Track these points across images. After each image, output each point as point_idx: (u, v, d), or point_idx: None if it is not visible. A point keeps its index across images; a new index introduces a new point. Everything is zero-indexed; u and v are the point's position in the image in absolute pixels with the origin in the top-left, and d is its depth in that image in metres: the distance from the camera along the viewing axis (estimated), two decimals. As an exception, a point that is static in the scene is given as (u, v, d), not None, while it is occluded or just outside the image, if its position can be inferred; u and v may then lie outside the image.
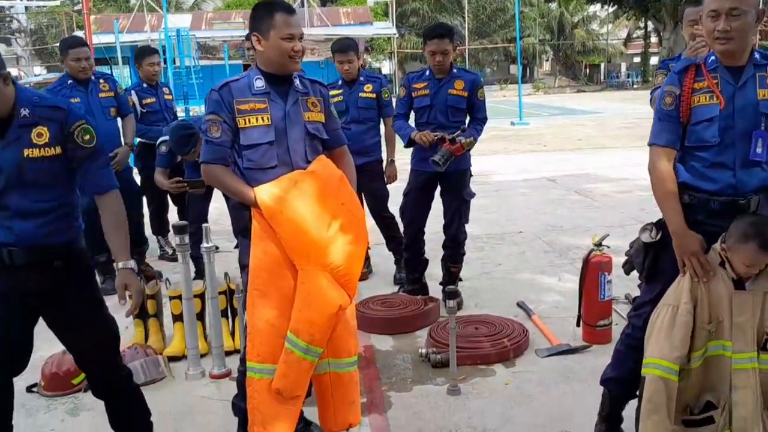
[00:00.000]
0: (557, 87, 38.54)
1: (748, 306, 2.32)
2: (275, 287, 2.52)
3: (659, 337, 2.35)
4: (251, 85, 2.62)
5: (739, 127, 2.33)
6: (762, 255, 2.25)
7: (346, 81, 4.91)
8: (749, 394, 2.31)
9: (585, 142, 13.10)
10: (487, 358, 3.59)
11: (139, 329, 3.93)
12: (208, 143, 2.60)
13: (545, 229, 6.40)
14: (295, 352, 2.48)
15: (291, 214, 2.50)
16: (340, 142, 2.86)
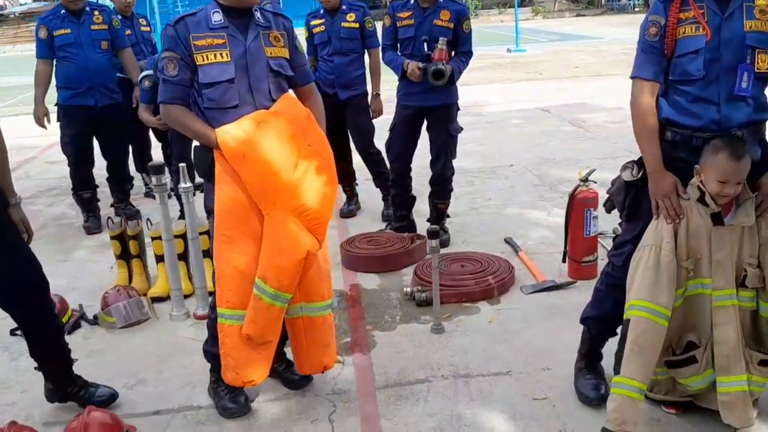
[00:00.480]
0: (556, 11, 37.50)
1: (727, 241, 2.28)
2: (242, 232, 2.47)
3: (644, 279, 2.31)
4: (208, 19, 2.50)
5: (725, 60, 2.24)
6: (733, 164, 2.19)
7: (328, 10, 4.73)
8: (730, 331, 2.30)
9: (582, 69, 12.81)
10: (472, 296, 3.59)
11: (123, 270, 3.92)
12: (166, 82, 2.50)
13: (537, 162, 6.32)
14: (263, 298, 2.46)
15: (255, 157, 2.41)
16: (307, 79, 2.74)
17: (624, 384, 2.34)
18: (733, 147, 2.21)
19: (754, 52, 2.24)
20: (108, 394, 2.80)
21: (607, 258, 2.66)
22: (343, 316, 3.54)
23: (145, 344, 3.34)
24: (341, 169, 5.08)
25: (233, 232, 2.47)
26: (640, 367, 2.33)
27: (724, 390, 2.32)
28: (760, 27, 2.24)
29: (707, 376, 2.37)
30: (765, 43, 2.25)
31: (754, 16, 2.25)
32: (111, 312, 3.50)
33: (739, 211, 2.29)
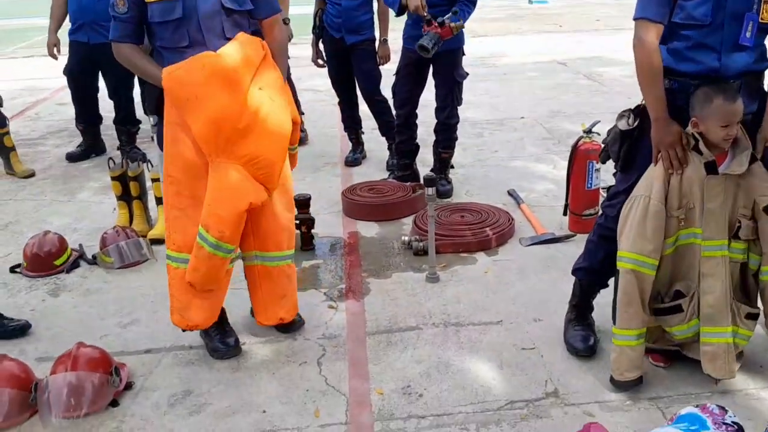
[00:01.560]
0: (583, -37, 36.39)
1: (720, 191, 2.23)
2: (188, 175, 2.43)
3: (631, 230, 2.30)
4: None
5: (731, 8, 2.15)
6: (731, 106, 2.14)
7: None
8: (717, 282, 2.27)
9: (603, 22, 12.48)
10: (469, 246, 3.57)
11: (123, 212, 3.93)
12: (116, 19, 2.44)
13: (548, 115, 6.20)
14: (204, 247, 2.41)
15: (199, 103, 2.33)
16: (270, 11, 2.59)
17: (621, 335, 2.37)
18: (724, 90, 2.15)
19: (760, 2, 2.16)
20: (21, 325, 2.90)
21: (601, 209, 2.62)
22: (339, 262, 3.54)
23: (141, 285, 3.37)
24: (348, 116, 5.06)
25: (180, 175, 2.44)
26: (632, 315, 2.34)
27: (707, 340, 2.30)
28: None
29: (692, 326, 2.35)
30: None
31: None
32: (109, 252, 3.53)
33: (734, 161, 2.22)
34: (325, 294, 3.22)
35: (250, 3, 2.51)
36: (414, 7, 3.83)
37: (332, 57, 4.85)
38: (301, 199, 3.68)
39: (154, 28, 2.44)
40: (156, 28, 2.44)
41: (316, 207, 3.94)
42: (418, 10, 3.82)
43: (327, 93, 6.59)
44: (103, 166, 5.03)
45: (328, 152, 5.37)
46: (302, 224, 3.65)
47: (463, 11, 3.95)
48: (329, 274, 3.42)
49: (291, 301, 2.75)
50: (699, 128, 2.21)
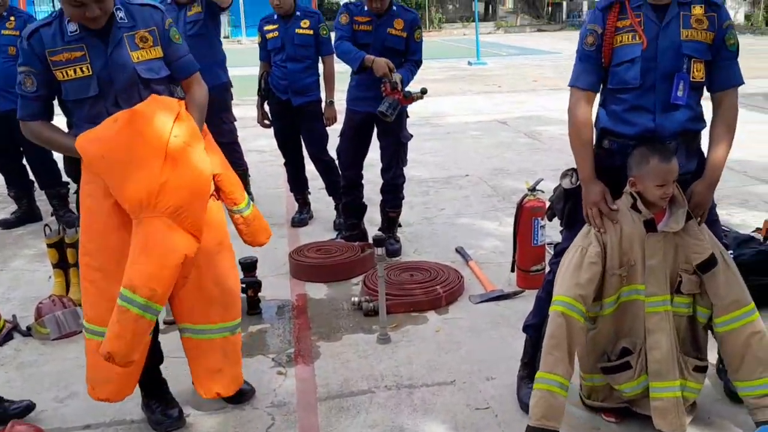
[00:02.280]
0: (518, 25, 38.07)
1: (660, 248, 2.29)
2: (97, 245, 2.34)
3: (565, 276, 2.33)
4: (64, 30, 2.30)
5: (661, 69, 2.26)
6: (666, 166, 2.22)
7: (282, 16, 4.67)
8: (663, 337, 2.30)
9: (540, 83, 13.00)
10: (420, 306, 3.55)
11: (59, 280, 3.78)
12: (24, 98, 2.35)
13: (491, 173, 6.34)
14: (131, 309, 2.23)
15: (114, 158, 2.26)
16: (187, 71, 2.52)
17: (544, 378, 2.32)
18: (660, 151, 2.24)
19: (689, 61, 2.27)
20: (23, 406, 2.67)
21: (548, 265, 2.65)
22: (288, 326, 3.46)
23: (78, 356, 3.18)
24: (294, 176, 5.05)
25: (90, 245, 2.36)
26: (558, 359, 2.29)
27: (656, 395, 2.32)
28: (696, 36, 2.27)
29: (641, 382, 2.36)
30: (700, 53, 2.27)
31: (690, 25, 2.27)
32: (45, 323, 3.36)
33: (671, 218, 2.30)
34: (274, 359, 3.13)
35: (166, 69, 2.45)
36: (382, 72, 3.90)
37: (278, 118, 4.87)
38: (246, 262, 3.62)
39: (68, 105, 2.37)
40: (71, 105, 2.37)
41: (263, 269, 3.87)
42: (387, 74, 3.89)
43: (271, 153, 6.60)
44: (38, 233, 4.87)
45: (274, 213, 5.32)
46: (248, 288, 3.57)
47: (405, 72, 4.05)
48: (277, 339, 3.34)
49: (229, 376, 2.60)
50: (637, 188, 2.28)
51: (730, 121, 2.35)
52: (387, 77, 3.90)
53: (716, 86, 2.34)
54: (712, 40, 2.28)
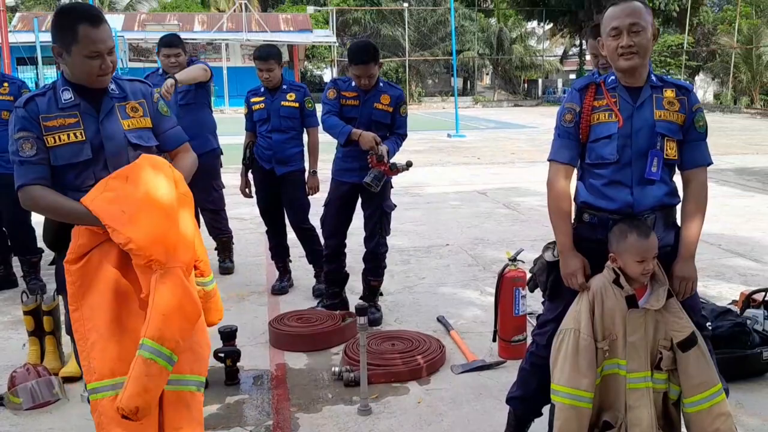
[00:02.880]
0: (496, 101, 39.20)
1: (641, 324, 2.32)
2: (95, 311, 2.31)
3: (565, 365, 2.34)
4: (58, 99, 2.39)
5: (636, 146, 2.35)
6: (645, 242, 2.27)
7: (268, 89, 4.79)
8: (644, 413, 2.30)
9: (517, 156, 13.30)
10: (401, 376, 3.52)
11: (34, 348, 3.69)
12: (24, 164, 2.33)
13: (472, 242, 6.40)
14: (158, 361, 2.23)
15: (135, 210, 2.27)
16: (176, 142, 2.60)
17: None
18: (638, 227, 2.30)
19: (663, 140, 2.36)
20: None
21: (531, 337, 2.66)
22: (266, 397, 3.40)
23: (53, 427, 3.11)
24: (275, 244, 5.06)
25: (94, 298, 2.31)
26: None
27: None
28: (668, 117, 2.38)
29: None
30: (672, 132, 2.38)
31: (663, 107, 2.38)
32: (18, 392, 3.27)
33: (652, 296, 2.34)
34: (252, 431, 3.06)
35: (155, 139, 2.53)
36: (369, 145, 4.01)
37: (262, 187, 4.93)
38: (226, 331, 3.58)
39: (55, 172, 2.38)
40: (58, 171, 2.38)
41: (242, 338, 3.82)
42: (373, 148, 4.00)
43: (252, 221, 6.63)
44: (13, 299, 4.80)
45: (254, 281, 5.30)
46: (227, 357, 3.52)
47: (397, 143, 4.17)
48: (255, 410, 3.27)
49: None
50: (617, 263, 2.33)
51: (700, 198, 2.43)
52: (373, 150, 4.00)
53: (687, 165, 2.44)
54: (683, 122, 2.39)
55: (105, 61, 2.35)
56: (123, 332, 2.31)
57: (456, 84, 20.95)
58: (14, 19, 29.39)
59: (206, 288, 2.59)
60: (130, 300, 2.34)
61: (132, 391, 2.21)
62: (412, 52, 37.10)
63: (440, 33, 39.68)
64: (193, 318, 2.32)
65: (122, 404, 2.20)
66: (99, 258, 2.32)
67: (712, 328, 3.27)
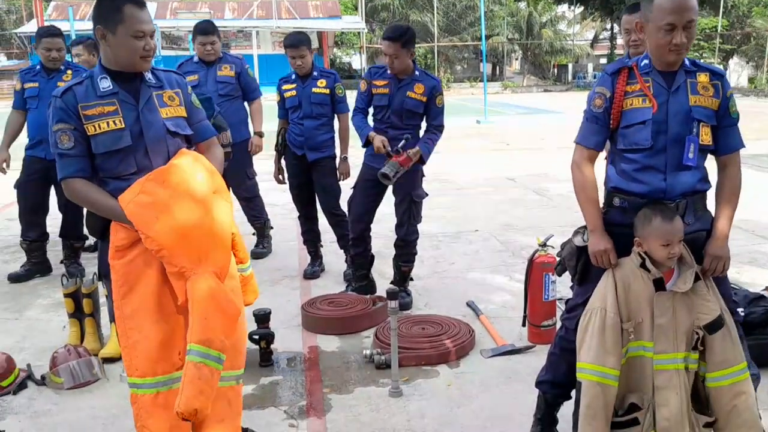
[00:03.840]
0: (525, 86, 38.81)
1: (669, 306, 2.32)
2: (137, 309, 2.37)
3: (592, 342, 2.35)
4: (96, 87, 2.43)
5: (672, 132, 2.33)
6: (669, 226, 2.27)
7: (300, 76, 4.84)
8: (672, 395, 2.31)
9: (547, 141, 13.19)
10: (431, 359, 3.56)
11: (75, 329, 3.81)
12: (63, 156, 2.40)
13: (501, 228, 6.40)
14: (208, 364, 2.29)
15: (169, 218, 2.32)
16: (206, 134, 2.67)
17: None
18: (662, 211, 2.30)
19: (698, 125, 2.34)
20: None
21: (560, 321, 2.68)
22: (299, 378, 3.47)
23: (93, 406, 3.22)
24: (307, 229, 5.13)
25: (128, 310, 2.37)
26: (596, 428, 2.34)
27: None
28: (704, 102, 2.36)
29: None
30: (707, 117, 2.36)
31: (697, 92, 2.36)
32: (59, 372, 3.39)
33: (679, 278, 2.34)
34: (286, 412, 3.13)
35: (189, 128, 2.58)
36: (376, 148, 4.08)
37: (294, 173, 5.00)
38: (260, 314, 3.66)
39: (98, 159, 2.43)
40: (100, 159, 2.43)
41: (275, 321, 3.90)
42: (380, 150, 4.07)
43: (284, 207, 6.70)
44: (52, 283, 4.95)
45: (286, 266, 5.38)
46: (261, 339, 3.60)
47: (425, 143, 4.20)
48: (289, 391, 3.34)
49: (230, 428, 2.55)
50: (642, 248, 2.33)
51: (735, 182, 2.43)
52: (381, 152, 4.07)
53: (722, 150, 2.43)
54: (718, 107, 2.37)
55: (149, 42, 2.41)
56: (165, 334, 2.37)
57: (485, 70, 20.76)
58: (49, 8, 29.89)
59: (244, 273, 2.66)
60: (171, 303, 2.40)
61: (189, 394, 2.26)
62: (441, 37, 36.90)
63: (469, 18, 39.40)
64: (233, 316, 2.37)
65: (181, 408, 2.25)
66: (143, 259, 2.37)
67: (745, 314, 3.25)
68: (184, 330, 2.41)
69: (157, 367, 2.38)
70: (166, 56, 19.98)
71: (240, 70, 5.31)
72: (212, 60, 5.22)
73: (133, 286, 2.38)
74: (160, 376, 2.41)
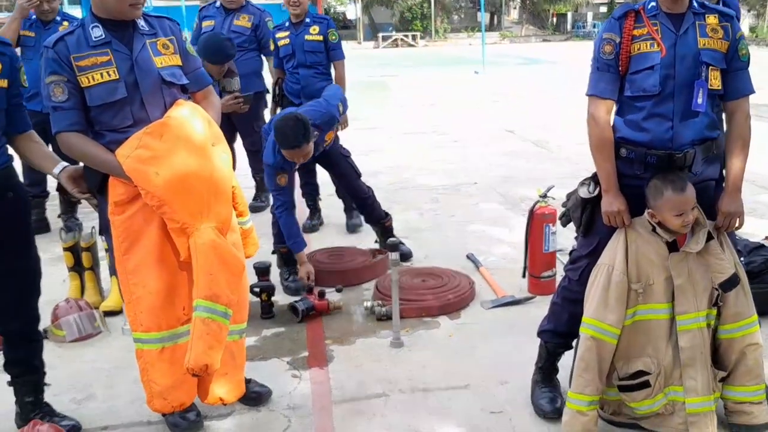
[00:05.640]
0: (523, 36, 38.25)
1: (684, 267, 2.31)
2: (140, 264, 2.35)
3: (595, 297, 2.36)
4: (88, 37, 2.33)
5: (680, 77, 2.27)
6: (681, 196, 2.24)
7: (293, 23, 4.76)
8: (697, 354, 2.32)
9: (546, 92, 13.05)
10: (432, 311, 3.57)
11: (75, 283, 3.81)
12: (56, 109, 2.32)
13: (500, 180, 6.37)
14: (216, 319, 2.29)
15: (169, 174, 2.27)
16: (203, 83, 2.59)
17: (574, 398, 2.39)
18: (672, 182, 2.25)
19: (707, 69, 2.28)
20: (70, 425, 2.64)
21: (564, 272, 2.68)
22: (301, 330, 3.49)
23: (96, 359, 3.24)
24: (306, 182, 5.09)
25: (130, 265, 2.35)
26: (588, 381, 2.37)
27: (693, 411, 2.34)
28: (713, 45, 2.29)
29: (658, 400, 2.38)
30: (716, 61, 2.30)
31: (706, 34, 2.29)
32: (61, 325, 3.40)
33: (692, 239, 2.32)
34: (288, 363, 3.16)
35: (185, 78, 2.49)
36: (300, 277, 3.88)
37: None
38: (260, 267, 3.66)
39: (92, 112, 2.36)
40: (95, 112, 2.35)
41: (276, 274, 3.90)
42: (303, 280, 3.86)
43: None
44: (50, 237, 4.92)
45: (285, 219, 5.35)
46: (262, 292, 3.61)
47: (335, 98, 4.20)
48: (291, 343, 3.36)
49: (233, 381, 2.57)
50: (656, 218, 2.30)
51: (744, 129, 2.38)
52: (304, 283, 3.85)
53: (730, 95, 2.36)
54: (727, 50, 2.31)
55: None
56: (168, 289, 2.36)
57: (483, 19, 20.42)
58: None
59: (244, 227, 2.64)
60: (173, 258, 2.38)
61: (198, 350, 2.26)
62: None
63: (466, -34, 38.54)
64: (237, 270, 2.36)
65: (191, 365, 2.25)
66: (143, 214, 2.34)
67: (745, 263, 3.25)
68: (187, 285, 2.40)
69: (161, 322, 2.37)
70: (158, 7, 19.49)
71: (258, 21, 5.20)
72: (233, 7, 5.12)
73: (135, 242, 2.36)
74: (165, 331, 2.41)
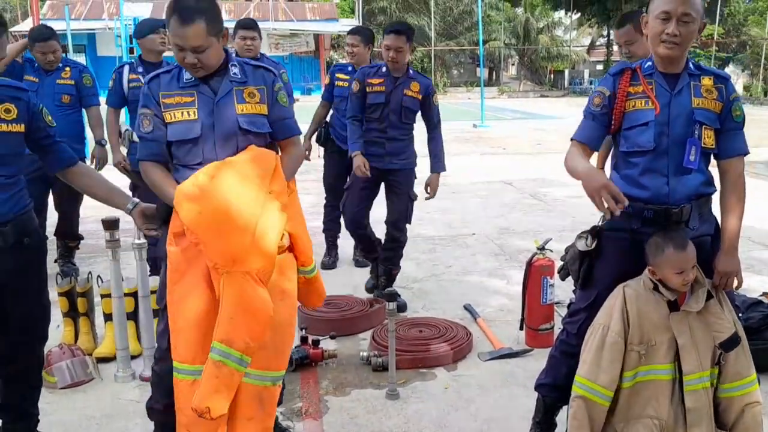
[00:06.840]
0: (522, 91, 38.89)
1: (685, 326, 2.31)
2: (192, 285, 2.35)
3: (588, 356, 2.35)
4: (181, 77, 2.47)
5: (674, 134, 2.32)
6: (682, 254, 2.25)
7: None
8: (703, 414, 2.30)
9: (544, 146, 13.20)
10: (428, 362, 3.54)
11: (69, 328, 3.77)
12: (142, 139, 2.49)
13: (498, 232, 6.39)
14: (228, 364, 2.25)
15: (210, 213, 2.29)
16: (287, 133, 2.61)
17: None
18: (673, 239, 2.27)
19: (700, 128, 2.33)
20: None
21: (562, 325, 2.67)
22: (295, 379, 3.44)
23: (87, 406, 3.19)
24: (331, 219, 5.21)
25: (185, 286, 2.35)
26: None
27: None
28: (707, 105, 2.34)
29: None
30: (710, 120, 2.34)
31: (701, 95, 2.35)
32: (53, 371, 3.35)
33: (692, 297, 2.33)
34: (282, 413, 3.10)
35: (268, 126, 2.54)
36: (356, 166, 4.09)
37: (334, 165, 5.14)
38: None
39: (172, 147, 2.48)
40: (173, 147, 2.48)
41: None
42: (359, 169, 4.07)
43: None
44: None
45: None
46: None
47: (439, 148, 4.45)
48: (285, 392, 3.31)
49: (259, 428, 2.48)
50: (656, 276, 2.31)
51: (739, 188, 2.41)
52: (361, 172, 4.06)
53: (724, 154, 2.40)
54: (721, 110, 2.36)
55: (187, 55, 2.37)
56: (207, 325, 2.33)
57: (482, 74, 20.80)
58: (44, 7, 29.75)
59: (307, 276, 2.60)
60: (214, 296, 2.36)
61: (203, 391, 2.24)
62: (438, 41, 36.93)
63: (466, 23, 39.47)
64: (263, 320, 2.30)
65: (195, 404, 2.23)
66: (196, 248, 2.35)
67: (743, 319, 3.24)
68: None
69: (195, 356, 2.34)
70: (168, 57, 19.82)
71: None
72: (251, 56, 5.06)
73: (184, 274, 2.37)
74: (198, 365, 2.36)
